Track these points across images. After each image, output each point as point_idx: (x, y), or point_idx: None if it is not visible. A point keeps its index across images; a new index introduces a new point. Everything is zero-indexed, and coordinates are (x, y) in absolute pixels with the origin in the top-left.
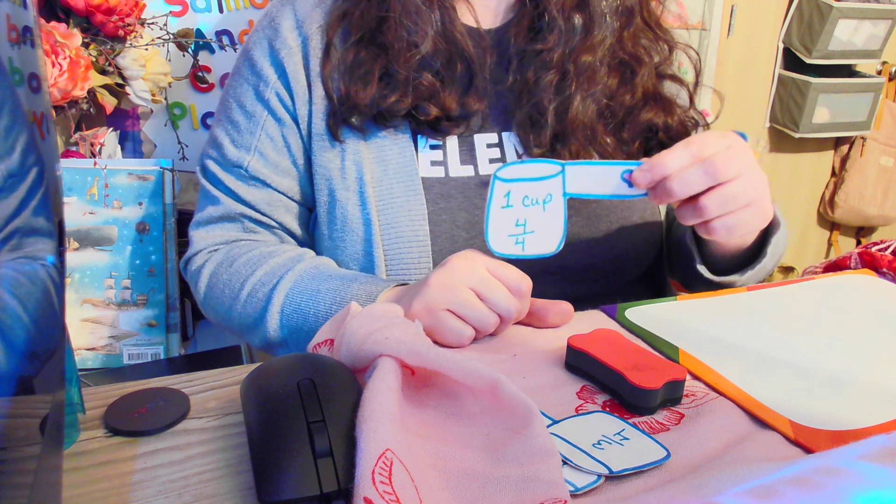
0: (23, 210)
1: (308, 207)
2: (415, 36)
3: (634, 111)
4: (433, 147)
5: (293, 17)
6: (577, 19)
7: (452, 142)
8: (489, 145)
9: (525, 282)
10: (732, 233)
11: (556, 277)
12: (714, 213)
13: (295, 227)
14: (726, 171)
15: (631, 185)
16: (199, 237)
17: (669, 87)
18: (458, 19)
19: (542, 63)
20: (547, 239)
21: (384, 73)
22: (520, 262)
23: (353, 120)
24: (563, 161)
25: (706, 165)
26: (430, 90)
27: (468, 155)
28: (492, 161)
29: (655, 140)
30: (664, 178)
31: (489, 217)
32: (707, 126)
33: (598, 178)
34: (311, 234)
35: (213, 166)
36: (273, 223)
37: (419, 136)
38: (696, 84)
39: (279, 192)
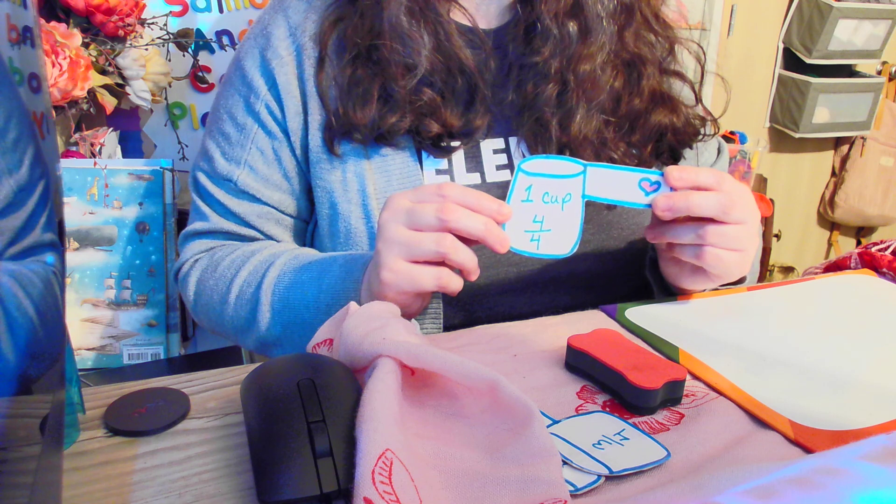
0: (23, 211)
1: (303, 220)
2: (409, 58)
3: (644, 115)
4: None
5: (286, 24)
6: (572, 26)
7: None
8: (496, 151)
9: (445, 184)
10: (718, 265)
11: (566, 286)
12: (712, 241)
13: (286, 238)
14: (737, 213)
15: (647, 193)
16: (186, 248)
17: (672, 84)
18: (454, 33)
19: (540, 75)
20: (562, 240)
21: (382, 92)
22: (530, 269)
23: (355, 135)
24: (585, 161)
25: (724, 197)
26: (431, 107)
27: (474, 162)
28: (499, 168)
29: (665, 143)
30: (691, 188)
31: None
32: (715, 122)
33: (617, 182)
34: (306, 246)
35: (203, 179)
36: (261, 236)
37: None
38: (702, 76)
39: (270, 205)
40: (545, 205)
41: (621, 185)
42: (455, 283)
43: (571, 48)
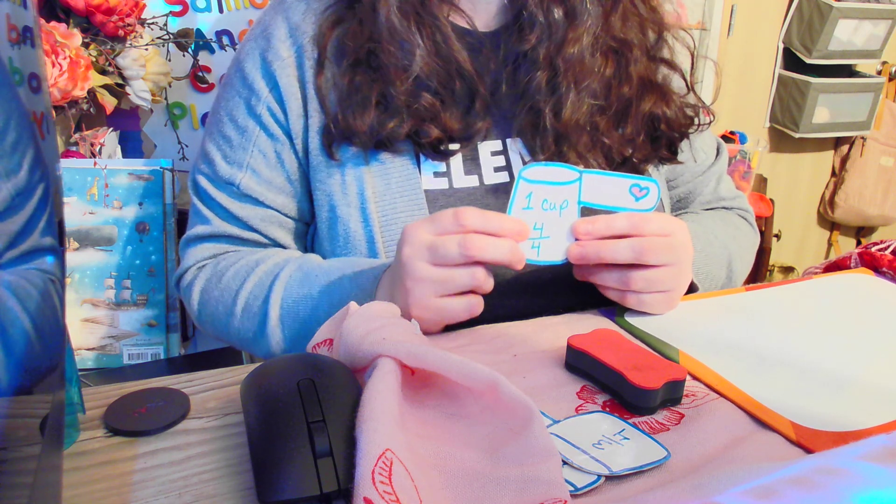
0: (23, 211)
1: (305, 222)
2: (405, 60)
3: (634, 102)
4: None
5: (286, 25)
6: (558, 12)
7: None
8: (493, 153)
9: (462, 211)
10: (640, 306)
11: (563, 287)
12: (634, 287)
13: (289, 241)
14: (657, 256)
15: (637, 198)
16: (189, 254)
17: (663, 73)
18: (452, 36)
19: (531, 63)
20: (558, 246)
21: (381, 98)
22: (528, 271)
23: (354, 141)
24: (581, 168)
25: (637, 243)
26: (431, 111)
27: (472, 164)
28: (497, 169)
29: (660, 131)
30: (601, 238)
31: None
32: (708, 109)
33: (610, 188)
34: (307, 248)
35: (204, 182)
36: (264, 240)
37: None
38: (693, 65)
39: (273, 209)
40: (544, 212)
41: (614, 190)
42: (481, 307)
43: (559, 34)
